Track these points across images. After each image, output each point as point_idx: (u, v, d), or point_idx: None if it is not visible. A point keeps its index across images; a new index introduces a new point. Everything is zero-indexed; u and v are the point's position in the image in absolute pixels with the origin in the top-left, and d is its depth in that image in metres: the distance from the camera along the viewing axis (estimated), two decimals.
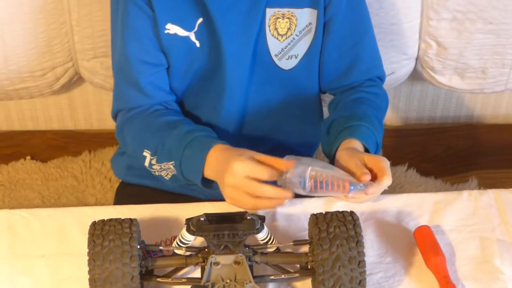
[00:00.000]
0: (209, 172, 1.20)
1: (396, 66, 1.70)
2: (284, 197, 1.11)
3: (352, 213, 1.08)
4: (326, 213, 1.08)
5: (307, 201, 1.24)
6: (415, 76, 1.79)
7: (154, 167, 1.28)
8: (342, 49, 1.36)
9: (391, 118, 1.95)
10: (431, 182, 1.90)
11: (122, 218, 1.09)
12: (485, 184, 1.83)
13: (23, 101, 1.87)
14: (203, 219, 1.08)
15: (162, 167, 1.26)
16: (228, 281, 1.05)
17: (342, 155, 1.19)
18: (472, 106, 1.97)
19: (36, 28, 1.61)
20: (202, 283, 1.05)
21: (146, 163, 1.28)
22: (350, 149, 1.20)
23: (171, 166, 1.24)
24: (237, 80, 1.33)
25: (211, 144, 1.20)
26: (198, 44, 1.31)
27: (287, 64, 1.35)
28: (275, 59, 1.34)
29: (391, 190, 1.18)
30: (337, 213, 1.08)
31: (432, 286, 1.12)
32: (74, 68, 1.71)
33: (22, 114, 1.92)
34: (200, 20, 1.29)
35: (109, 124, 1.95)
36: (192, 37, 1.30)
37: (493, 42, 1.68)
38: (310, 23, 1.33)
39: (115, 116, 1.39)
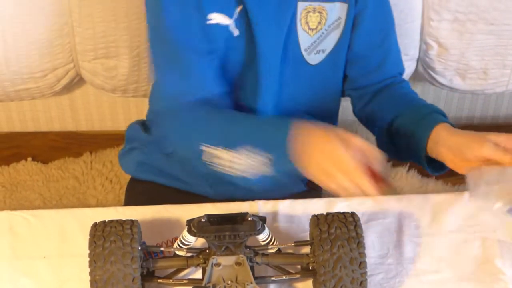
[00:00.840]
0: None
1: None
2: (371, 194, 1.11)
3: (353, 214, 1.07)
4: (327, 214, 1.08)
5: (308, 202, 1.24)
6: (416, 77, 1.79)
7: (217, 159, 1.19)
8: (372, 44, 1.35)
9: None
10: (432, 183, 1.90)
11: (123, 219, 1.09)
12: None
13: (24, 102, 1.88)
14: (204, 220, 1.07)
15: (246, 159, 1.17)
16: (229, 282, 1.05)
17: (461, 142, 1.19)
18: (473, 107, 1.97)
19: (37, 29, 1.61)
20: (203, 284, 1.05)
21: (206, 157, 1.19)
22: (464, 132, 1.21)
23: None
24: (270, 74, 1.30)
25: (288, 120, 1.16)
26: (237, 33, 1.27)
27: (314, 58, 1.33)
28: (305, 53, 1.32)
29: (392, 191, 1.17)
30: (338, 214, 1.07)
31: (434, 286, 1.12)
32: (75, 69, 1.71)
33: (23, 115, 1.92)
34: (240, 7, 1.26)
35: (110, 125, 1.95)
36: (232, 26, 1.27)
37: (494, 43, 1.68)
38: (339, 18, 1.31)
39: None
